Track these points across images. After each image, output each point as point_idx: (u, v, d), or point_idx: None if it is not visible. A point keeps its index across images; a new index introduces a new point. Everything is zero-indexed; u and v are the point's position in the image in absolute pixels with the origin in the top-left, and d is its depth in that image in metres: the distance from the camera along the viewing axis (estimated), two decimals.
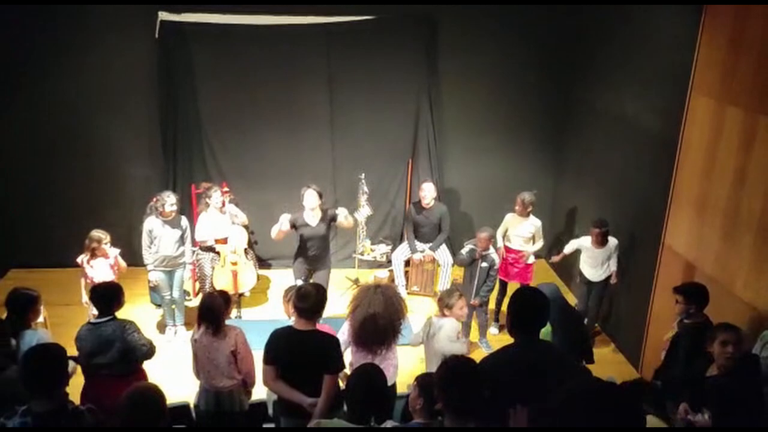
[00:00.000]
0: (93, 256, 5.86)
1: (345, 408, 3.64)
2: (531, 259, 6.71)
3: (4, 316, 4.37)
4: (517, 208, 6.60)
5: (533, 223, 6.62)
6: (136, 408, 2.93)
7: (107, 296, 4.36)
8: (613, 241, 6.23)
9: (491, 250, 6.26)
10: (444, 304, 4.96)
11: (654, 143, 5.95)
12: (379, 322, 4.21)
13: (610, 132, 6.86)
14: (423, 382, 3.12)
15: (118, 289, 4.47)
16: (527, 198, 6.54)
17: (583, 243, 6.38)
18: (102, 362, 4.22)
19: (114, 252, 6.02)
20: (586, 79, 7.42)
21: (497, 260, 6.31)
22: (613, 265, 6.27)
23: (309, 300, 3.83)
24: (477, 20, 7.52)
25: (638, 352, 6.16)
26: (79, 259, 5.95)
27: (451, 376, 2.81)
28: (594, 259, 6.31)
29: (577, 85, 7.62)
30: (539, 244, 6.74)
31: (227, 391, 4.25)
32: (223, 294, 4.66)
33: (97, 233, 5.88)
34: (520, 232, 6.64)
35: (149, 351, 4.40)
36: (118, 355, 4.22)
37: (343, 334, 4.43)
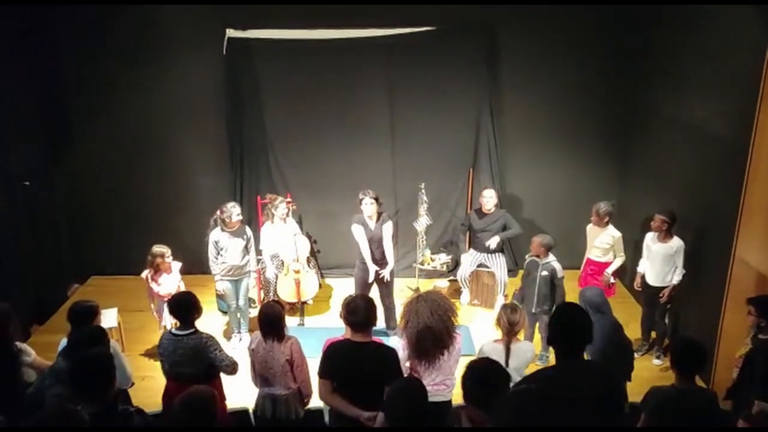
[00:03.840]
0: (157, 270, 5.98)
1: None
2: (612, 279, 6.48)
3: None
4: (593, 218, 6.50)
5: (612, 234, 6.43)
6: (186, 410, 3.07)
7: (184, 308, 4.43)
8: (678, 241, 5.95)
9: (551, 258, 6.03)
10: (513, 322, 4.43)
11: (724, 150, 5.70)
12: (434, 329, 4.20)
13: (677, 138, 6.61)
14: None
15: (193, 298, 4.51)
16: (603, 208, 6.40)
17: (647, 240, 6.16)
18: (185, 372, 4.30)
19: (177, 266, 6.14)
20: (652, 85, 7.18)
21: (559, 268, 6.03)
22: (677, 276, 5.99)
23: (359, 313, 3.87)
24: (537, 27, 7.43)
25: (709, 370, 5.89)
26: (143, 275, 6.04)
27: (478, 376, 2.99)
28: (654, 257, 6.05)
29: (642, 91, 7.38)
30: (619, 261, 6.46)
31: (283, 399, 4.32)
32: (278, 303, 4.73)
33: (159, 248, 5.96)
34: (598, 243, 6.49)
35: (232, 371, 4.44)
36: (202, 368, 4.30)
37: (401, 350, 4.37)
